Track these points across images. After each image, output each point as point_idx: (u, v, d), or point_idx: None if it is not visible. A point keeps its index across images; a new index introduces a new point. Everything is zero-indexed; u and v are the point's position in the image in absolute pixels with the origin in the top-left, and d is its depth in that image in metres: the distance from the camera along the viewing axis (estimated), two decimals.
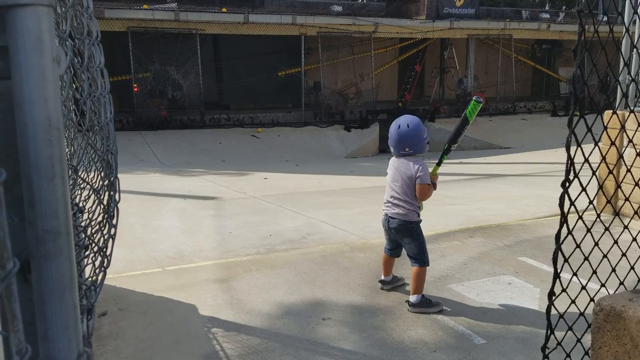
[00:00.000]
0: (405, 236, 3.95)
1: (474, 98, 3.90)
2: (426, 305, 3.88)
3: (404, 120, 3.91)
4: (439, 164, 3.99)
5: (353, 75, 18.92)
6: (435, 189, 3.97)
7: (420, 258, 3.90)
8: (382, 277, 4.29)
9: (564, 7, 22.99)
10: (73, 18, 1.71)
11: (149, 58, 15.75)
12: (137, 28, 15.35)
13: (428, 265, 3.95)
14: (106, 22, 14.66)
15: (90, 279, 1.46)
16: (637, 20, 5.50)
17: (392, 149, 3.97)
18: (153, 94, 16.05)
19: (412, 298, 3.89)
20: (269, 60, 18.37)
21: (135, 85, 15.77)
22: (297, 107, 18.19)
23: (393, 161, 4.01)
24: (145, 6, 15.58)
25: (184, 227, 6.21)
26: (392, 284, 4.28)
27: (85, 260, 1.71)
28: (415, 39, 19.56)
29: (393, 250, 4.14)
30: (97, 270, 1.42)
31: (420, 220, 3.98)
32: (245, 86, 18.56)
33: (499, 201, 7.66)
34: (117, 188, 1.38)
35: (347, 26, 17.76)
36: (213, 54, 18.86)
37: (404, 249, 4.09)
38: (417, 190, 3.85)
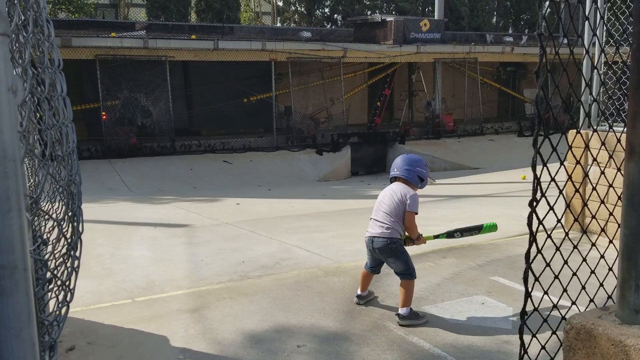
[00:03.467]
0: (389, 256, 4.11)
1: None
2: (414, 317, 3.97)
3: None
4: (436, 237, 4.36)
5: (323, 99, 19.04)
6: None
7: (408, 272, 4.05)
8: (359, 292, 4.39)
9: (526, 31, 23.67)
10: (35, 46, 1.68)
11: (117, 85, 15.58)
12: (105, 56, 15.21)
13: (416, 278, 4.09)
14: (74, 50, 14.51)
15: (53, 314, 1.41)
16: (597, 42, 5.69)
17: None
18: (122, 122, 15.83)
19: (402, 311, 3.98)
20: (240, 85, 18.39)
21: (103, 113, 15.55)
22: (268, 131, 18.19)
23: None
24: (113, 34, 15.45)
25: (154, 256, 6.09)
26: (367, 298, 4.41)
27: (49, 294, 1.65)
28: (383, 63, 19.85)
29: (375, 268, 4.30)
30: (59, 305, 1.37)
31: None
32: (216, 112, 18.49)
33: (470, 221, 7.71)
34: (80, 219, 1.34)
35: (316, 51, 17.93)
36: (183, 81, 18.77)
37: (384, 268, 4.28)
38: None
